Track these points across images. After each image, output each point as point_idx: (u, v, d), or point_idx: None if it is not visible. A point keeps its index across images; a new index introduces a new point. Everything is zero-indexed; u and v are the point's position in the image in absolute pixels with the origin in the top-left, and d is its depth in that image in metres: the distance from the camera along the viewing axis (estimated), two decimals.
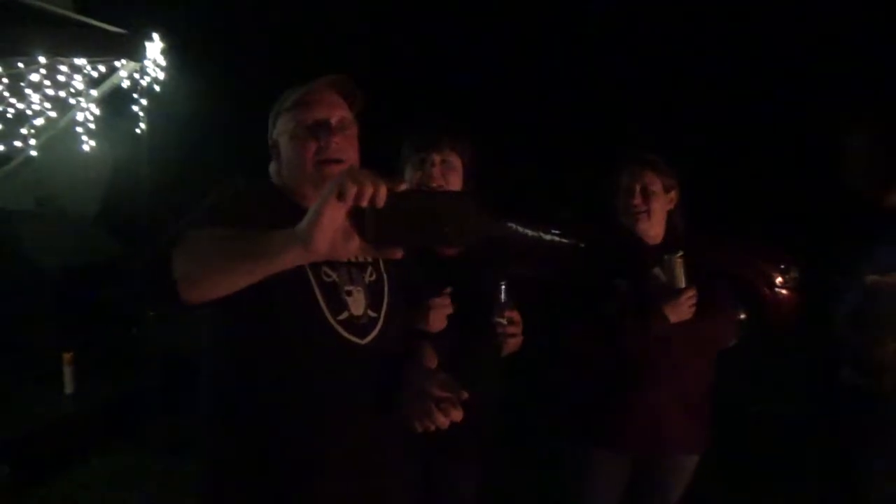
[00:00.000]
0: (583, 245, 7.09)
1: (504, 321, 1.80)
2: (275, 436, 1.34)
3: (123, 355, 4.62)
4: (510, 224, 7.30)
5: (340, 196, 0.97)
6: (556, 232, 7.29)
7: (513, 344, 1.84)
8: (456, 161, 1.97)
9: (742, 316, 6.47)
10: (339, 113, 1.45)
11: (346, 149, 1.43)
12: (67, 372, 4.06)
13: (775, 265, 6.33)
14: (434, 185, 1.92)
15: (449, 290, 1.78)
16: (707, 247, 7.22)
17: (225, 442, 1.40)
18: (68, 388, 4.07)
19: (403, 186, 1.01)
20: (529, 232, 7.33)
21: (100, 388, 4.27)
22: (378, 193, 0.98)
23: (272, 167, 1.51)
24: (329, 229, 1.00)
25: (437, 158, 1.95)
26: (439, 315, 1.75)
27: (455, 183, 1.97)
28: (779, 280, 6.32)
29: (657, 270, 2.16)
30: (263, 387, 1.35)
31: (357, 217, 1.01)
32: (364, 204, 0.98)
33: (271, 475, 1.34)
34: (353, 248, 1.03)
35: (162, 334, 4.35)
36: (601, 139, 10.11)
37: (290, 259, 1.05)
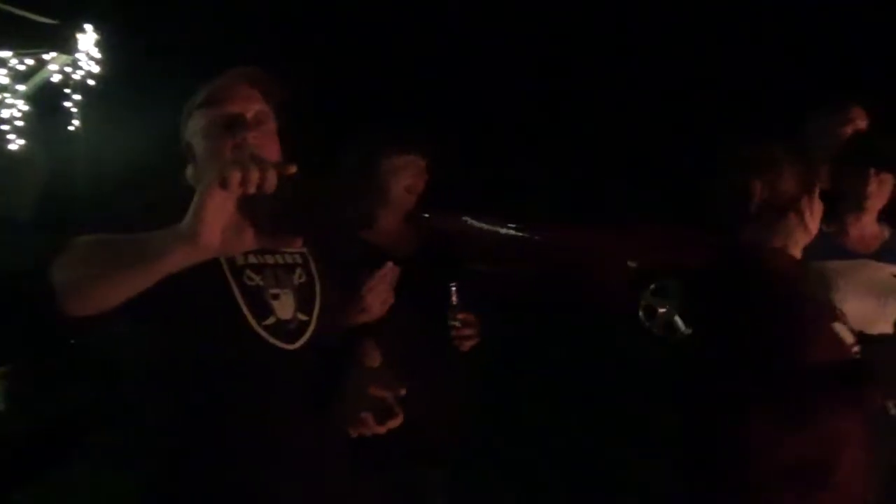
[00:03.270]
0: (539, 238, 7.16)
1: (457, 323, 1.77)
2: (204, 449, 1.29)
3: (61, 368, 4.38)
4: (465, 218, 7.26)
5: (224, 184, 0.88)
6: (513, 226, 7.27)
7: (468, 346, 1.81)
8: (424, 164, 1.96)
9: None
10: (254, 107, 1.37)
11: (265, 144, 1.34)
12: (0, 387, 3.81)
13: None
14: (416, 191, 1.93)
15: (387, 266, 1.64)
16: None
17: (156, 456, 1.35)
18: (1, 405, 3.82)
19: (293, 170, 0.93)
20: (485, 226, 7.31)
21: (36, 403, 4.03)
22: (266, 179, 0.89)
23: (188, 170, 1.42)
24: (215, 222, 0.91)
25: (421, 164, 1.94)
26: (376, 297, 1.62)
27: (424, 186, 1.96)
28: None
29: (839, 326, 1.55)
30: (188, 400, 1.29)
31: (247, 206, 0.92)
32: (252, 191, 0.89)
33: (203, 489, 1.29)
34: (248, 240, 0.96)
35: (103, 345, 4.13)
36: (564, 133, 10.20)
37: (177, 258, 0.95)
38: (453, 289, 1.78)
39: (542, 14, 10.54)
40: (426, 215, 2.03)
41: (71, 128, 4.25)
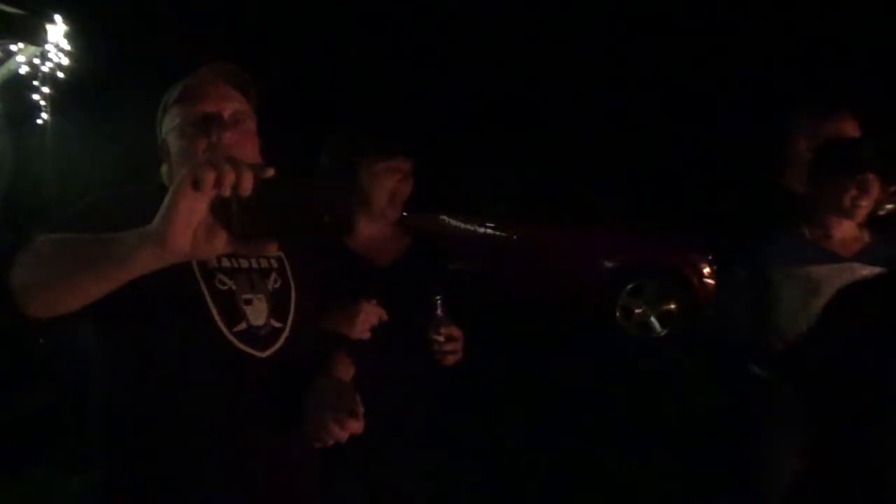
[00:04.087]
0: (516, 237, 7.16)
1: (440, 338, 1.68)
2: (164, 457, 1.24)
3: (26, 370, 4.27)
4: (442, 217, 7.23)
5: (197, 185, 0.85)
6: (492, 225, 7.26)
7: (451, 360, 1.72)
8: (410, 166, 1.86)
9: (672, 307, 6.64)
10: (231, 105, 1.32)
11: (242, 144, 1.30)
12: None
13: (704, 256, 6.48)
14: (401, 196, 1.83)
15: (378, 297, 1.64)
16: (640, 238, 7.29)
17: (112, 463, 1.29)
18: None
19: (270, 173, 0.90)
20: (462, 225, 7.29)
21: (5, 405, 3.93)
22: (242, 181, 0.86)
23: (163, 169, 1.38)
24: (185, 224, 0.87)
25: (405, 167, 1.83)
26: (366, 321, 1.61)
27: (409, 189, 1.87)
28: (707, 270, 6.48)
29: None
30: (151, 405, 1.24)
31: (221, 209, 0.89)
32: (226, 193, 0.86)
33: (163, 495, 1.25)
34: (220, 244, 0.92)
35: (69, 347, 4.04)
36: (539, 133, 10.20)
37: (143, 261, 0.91)
38: (438, 301, 1.70)
39: (520, 10, 10.53)
40: (404, 214, 1.95)
41: (39, 121, 4.13)
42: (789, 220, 2.07)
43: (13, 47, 4.09)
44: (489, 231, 7.27)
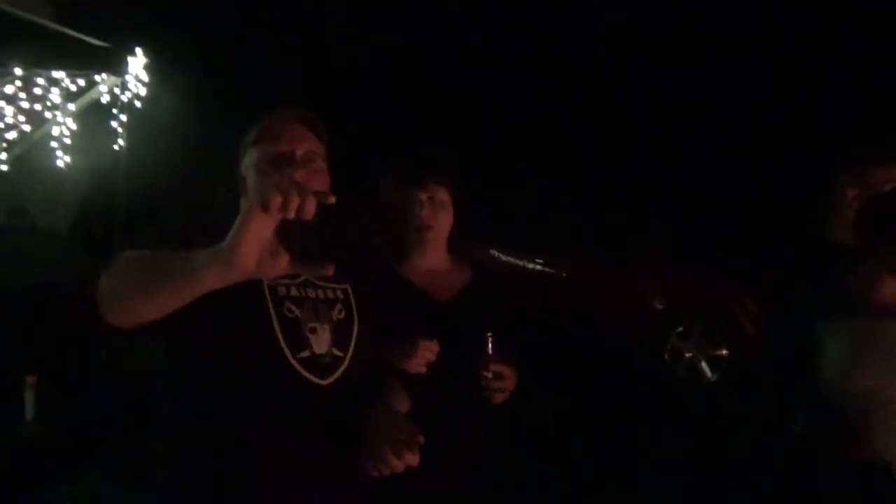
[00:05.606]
0: (566, 274, 7.11)
1: (489, 374, 1.67)
2: (225, 476, 1.28)
3: (90, 378, 4.45)
4: (492, 251, 7.24)
5: (265, 207, 0.91)
6: (541, 261, 7.24)
7: (499, 398, 1.71)
8: (444, 196, 1.83)
9: (724, 352, 6.47)
10: (305, 145, 1.41)
11: (312, 182, 1.37)
12: (30, 395, 3.88)
13: (756, 300, 6.32)
14: (423, 226, 1.80)
15: (435, 334, 1.67)
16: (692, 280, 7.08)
17: (178, 476, 1.34)
18: (30, 413, 3.89)
19: (332, 200, 0.95)
20: (511, 260, 7.29)
21: (64, 412, 4.08)
22: (305, 205, 0.92)
23: (242, 201, 1.46)
24: (253, 244, 0.93)
25: (423, 196, 1.80)
26: (423, 357, 1.64)
27: (445, 220, 1.85)
28: (758, 315, 6.31)
29: None
30: (214, 424, 1.29)
31: (285, 232, 0.95)
32: (291, 216, 0.92)
33: None
34: (282, 265, 0.97)
35: (131, 357, 4.20)
36: (592, 169, 10.16)
37: (212, 277, 0.98)
38: (489, 338, 1.69)
39: (567, 46, 10.58)
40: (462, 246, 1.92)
41: (116, 147, 4.37)
42: (836, 271, 1.99)
43: (97, 77, 4.36)
44: (538, 267, 7.26)
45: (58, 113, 4.53)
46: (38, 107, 4.43)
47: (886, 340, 1.82)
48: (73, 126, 4.58)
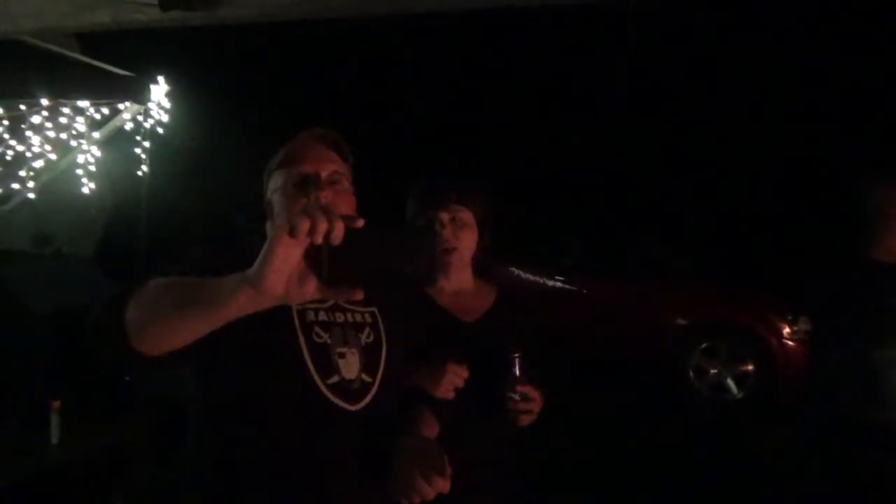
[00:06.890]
0: (586, 291, 7.07)
1: (516, 396, 1.66)
2: (250, 500, 1.27)
3: (114, 404, 4.47)
4: (512, 269, 7.23)
5: (293, 232, 0.90)
6: (561, 279, 7.21)
7: (526, 420, 1.70)
8: (468, 217, 1.83)
9: (749, 368, 6.37)
10: (329, 167, 1.41)
11: (337, 204, 1.37)
12: (55, 420, 3.90)
13: (782, 316, 6.23)
14: (447, 247, 1.80)
15: (463, 358, 1.65)
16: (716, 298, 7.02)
17: (200, 500, 1.34)
18: (55, 438, 3.91)
19: (361, 223, 0.95)
20: (532, 277, 7.27)
21: (88, 437, 4.10)
22: (334, 230, 0.92)
23: (268, 226, 1.47)
24: (282, 268, 0.93)
25: (445, 217, 1.81)
26: (451, 382, 1.62)
27: (469, 241, 1.84)
28: (786, 331, 6.21)
29: None
30: (243, 450, 1.28)
31: (313, 256, 0.94)
32: (319, 240, 0.92)
33: None
34: (310, 290, 0.96)
35: (155, 384, 4.22)
36: (615, 186, 10.13)
37: (241, 302, 0.96)
38: (516, 359, 1.68)
39: (590, 69, 10.60)
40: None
41: (140, 173, 4.43)
42: (881, 293, 1.94)
43: (120, 105, 4.45)
44: (558, 284, 7.23)
45: (83, 141, 4.61)
46: (63, 136, 4.51)
47: None
48: (98, 154, 4.66)
